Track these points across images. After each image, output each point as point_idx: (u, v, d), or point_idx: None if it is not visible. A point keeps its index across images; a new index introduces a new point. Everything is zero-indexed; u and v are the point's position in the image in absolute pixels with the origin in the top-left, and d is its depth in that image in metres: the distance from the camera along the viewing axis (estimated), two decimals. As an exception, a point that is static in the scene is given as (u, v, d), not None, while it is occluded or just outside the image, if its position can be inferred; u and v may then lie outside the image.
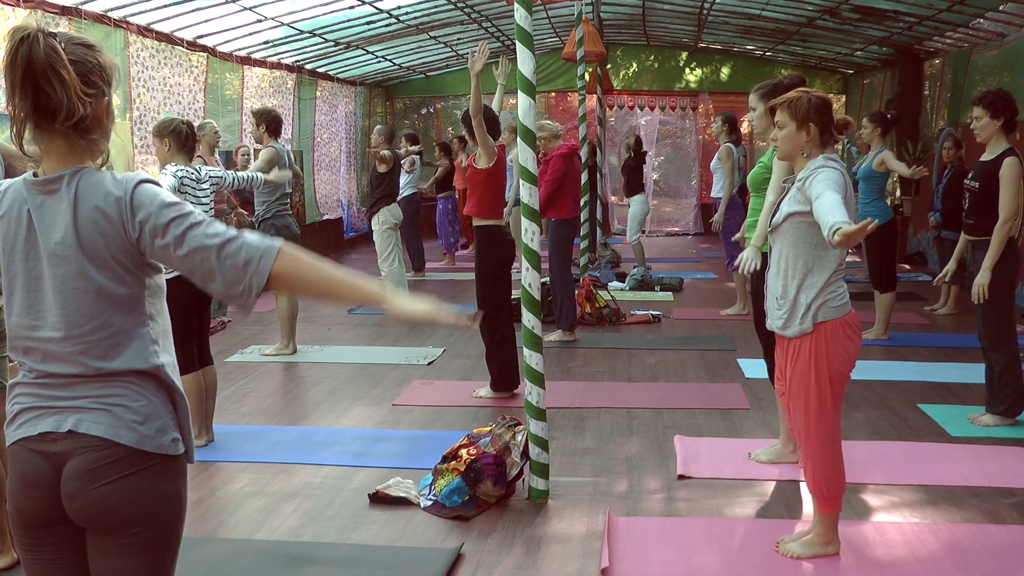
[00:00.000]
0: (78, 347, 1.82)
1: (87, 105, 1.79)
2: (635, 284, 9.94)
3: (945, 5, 9.34)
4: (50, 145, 1.83)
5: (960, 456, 4.49)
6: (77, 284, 1.81)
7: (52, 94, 1.75)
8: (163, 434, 1.87)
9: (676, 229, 16.59)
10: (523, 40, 3.86)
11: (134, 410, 1.83)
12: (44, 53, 1.74)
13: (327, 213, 13.95)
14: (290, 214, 6.97)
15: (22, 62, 1.75)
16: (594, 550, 3.49)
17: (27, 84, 1.76)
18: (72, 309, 1.82)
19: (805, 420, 3.28)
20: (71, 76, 1.75)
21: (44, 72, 1.75)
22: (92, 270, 1.81)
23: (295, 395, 5.87)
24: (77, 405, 1.83)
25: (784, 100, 3.31)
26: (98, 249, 1.81)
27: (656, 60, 16.17)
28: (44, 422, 1.83)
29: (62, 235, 1.80)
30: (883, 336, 7.11)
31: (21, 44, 1.75)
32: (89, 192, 1.81)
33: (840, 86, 15.91)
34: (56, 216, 1.81)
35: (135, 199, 1.80)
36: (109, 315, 1.83)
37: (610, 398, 5.63)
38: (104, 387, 1.83)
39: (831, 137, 3.29)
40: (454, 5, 11.30)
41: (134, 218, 1.80)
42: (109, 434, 1.81)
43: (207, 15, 9.33)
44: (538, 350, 3.98)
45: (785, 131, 3.29)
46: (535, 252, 3.95)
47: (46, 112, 1.78)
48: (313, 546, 3.56)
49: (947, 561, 3.35)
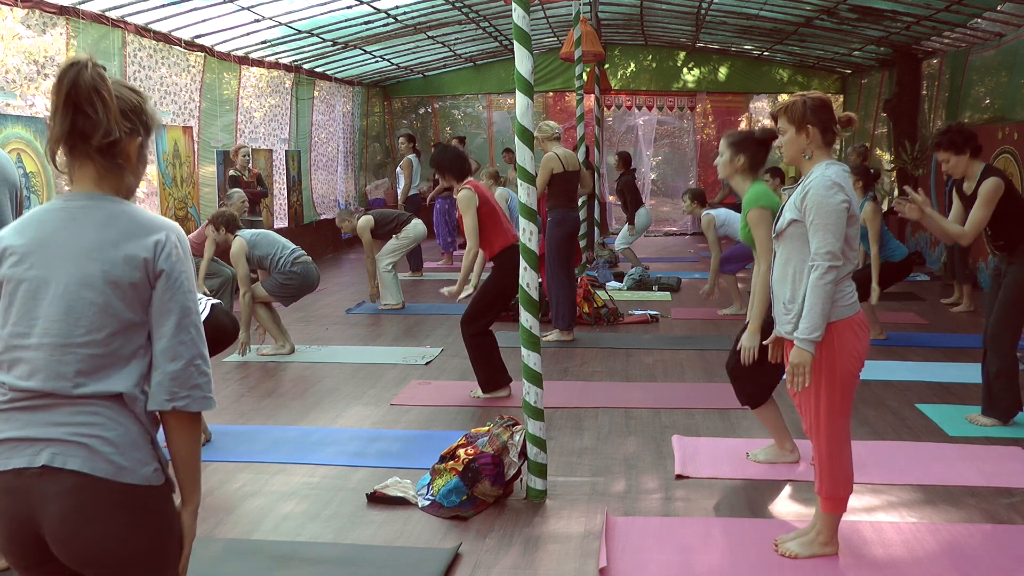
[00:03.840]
0: (70, 357, 1.80)
1: (123, 131, 1.84)
2: (633, 284, 9.95)
3: (943, 5, 9.35)
4: (81, 169, 1.87)
5: (958, 456, 4.50)
6: (88, 297, 1.82)
7: (92, 114, 1.81)
8: (143, 464, 1.83)
9: (674, 229, 16.61)
10: (521, 40, 3.86)
11: (110, 441, 1.79)
12: (91, 77, 1.80)
13: (324, 213, 13.94)
14: (310, 260, 6.99)
15: (68, 83, 1.80)
16: (592, 550, 3.49)
17: (69, 104, 1.81)
18: (74, 318, 1.81)
19: (815, 420, 3.28)
20: (112, 102, 1.82)
21: (88, 94, 1.80)
22: (107, 290, 1.82)
23: (293, 395, 5.87)
24: (51, 436, 1.78)
25: (782, 106, 3.33)
26: (117, 278, 1.83)
27: (654, 60, 16.17)
28: (17, 457, 1.78)
29: (85, 253, 1.83)
30: (880, 336, 7.11)
31: (70, 68, 1.81)
32: (117, 224, 1.86)
33: (838, 86, 15.92)
34: (82, 234, 1.84)
35: (160, 262, 1.86)
36: (110, 334, 1.83)
37: (608, 398, 5.63)
38: (80, 414, 1.79)
39: (833, 136, 3.30)
40: (452, 5, 11.30)
41: (154, 275, 1.86)
42: (87, 468, 1.77)
43: (205, 15, 9.33)
44: (536, 350, 3.98)
45: (787, 136, 3.30)
46: (533, 252, 3.95)
47: (83, 133, 1.82)
48: (311, 546, 3.56)
49: (945, 561, 3.35)
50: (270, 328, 6.92)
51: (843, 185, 3.16)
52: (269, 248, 6.84)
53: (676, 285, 10.01)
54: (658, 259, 12.62)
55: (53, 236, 1.84)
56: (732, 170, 4.25)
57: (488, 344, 5.61)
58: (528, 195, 3.94)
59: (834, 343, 3.19)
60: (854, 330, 3.22)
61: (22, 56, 7.40)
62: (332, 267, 12.40)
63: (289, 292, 6.90)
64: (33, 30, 7.48)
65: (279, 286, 6.82)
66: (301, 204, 13.00)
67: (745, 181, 4.22)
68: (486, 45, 14.67)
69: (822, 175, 3.18)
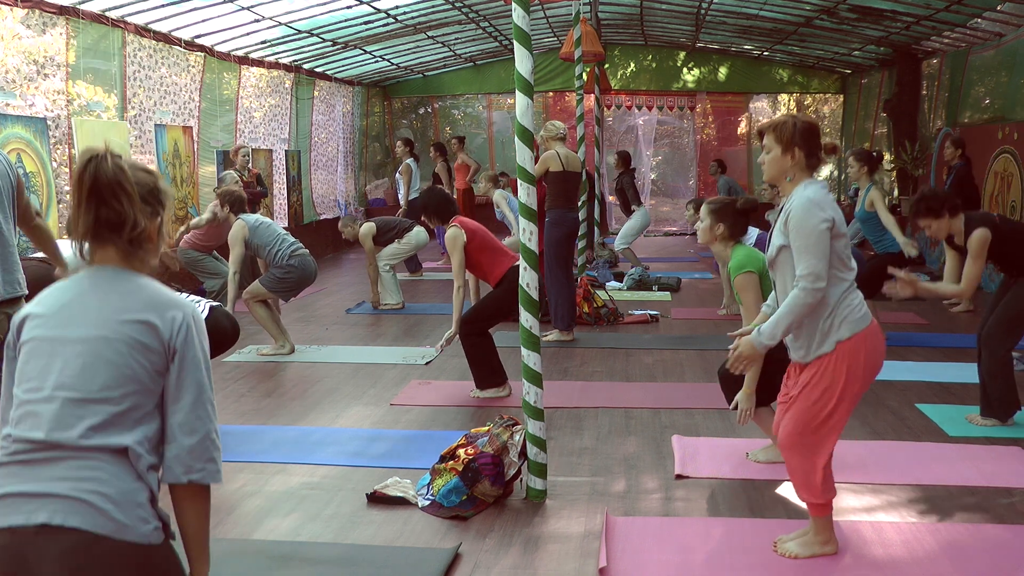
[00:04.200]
0: (82, 411, 1.82)
1: (146, 218, 1.91)
2: (633, 284, 9.94)
3: (943, 5, 9.35)
4: (103, 251, 1.93)
5: (958, 456, 4.50)
6: (107, 356, 1.86)
7: (118, 207, 1.87)
8: (144, 523, 1.83)
9: (674, 229, 16.61)
10: (521, 40, 3.86)
11: (111, 498, 1.79)
12: (112, 170, 1.86)
13: (324, 213, 13.94)
14: (307, 253, 6.96)
15: (89, 178, 1.85)
16: (592, 550, 3.49)
17: (92, 199, 1.86)
18: (91, 375, 1.84)
19: (801, 429, 3.24)
20: (135, 192, 1.88)
21: (111, 187, 1.86)
22: (126, 352, 1.87)
23: (293, 395, 5.87)
24: (52, 491, 1.77)
25: (771, 124, 3.30)
26: (136, 343, 1.88)
27: (654, 60, 16.17)
28: (15, 515, 1.76)
29: (106, 316, 1.88)
30: (880, 336, 7.10)
31: (89, 163, 1.86)
32: (140, 294, 1.91)
33: (838, 86, 15.92)
34: (105, 298, 1.89)
35: (177, 340, 1.91)
36: (124, 394, 1.86)
37: (608, 398, 5.63)
38: (83, 468, 1.79)
39: (817, 161, 3.29)
40: (452, 5, 11.30)
41: (171, 352, 1.91)
42: (87, 525, 1.76)
43: (205, 15, 9.32)
44: (536, 350, 3.98)
45: (771, 155, 3.28)
46: (533, 252, 3.95)
47: (108, 224, 1.88)
48: (311, 546, 3.56)
49: (945, 560, 3.35)
50: (269, 328, 6.92)
51: (823, 204, 3.14)
52: (268, 238, 6.83)
53: (676, 285, 10.00)
54: (658, 259, 12.62)
55: (75, 300, 1.90)
56: (712, 237, 4.36)
57: (484, 344, 5.62)
58: (528, 195, 3.94)
59: (847, 362, 3.15)
60: (867, 345, 3.18)
61: (22, 56, 7.40)
62: (332, 267, 12.40)
63: (287, 286, 6.87)
64: (33, 30, 7.48)
65: (277, 280, 6.81)
66: (301, 204, 13.00)
67: (726, 247, 4.34)
68: (486, 45, 14.67)
69: (801, 196, 3.17)
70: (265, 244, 6.81)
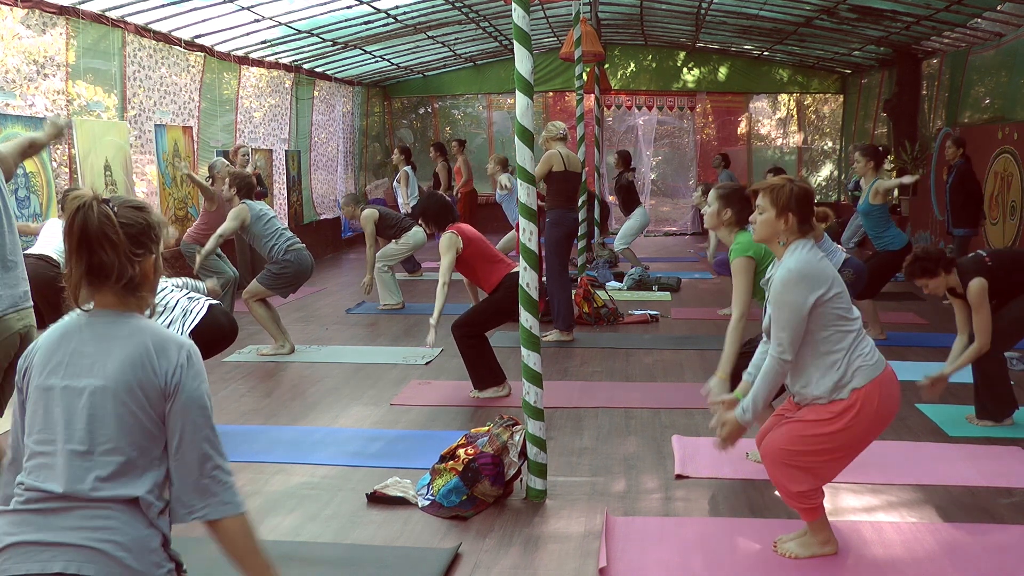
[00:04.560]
0: (90, 464, 1.86)
1: (136, 265, 1.93)
2: (633, 284, 9.94)
3: (943, 5, 9.35)
4: (101, 296, 1.97)
5: (958, 456, 4.50)
6: (111, 407, 1.89)
7: (104, 257, 1.90)
8: (157, 567, 1.88)
9: (674, 229, 16.61)
10: (521, 40, 3.86)
11: (124, 545, 1.84)
12: (98, 220, 1.89)
13: (324, 213, 13.95)
14: (303, 247, 6.95)
15: (78, 229, 1.89)
16: (592, 550, 3.49)
17: (83, 248, 1.90)
18: (97, 427, 1.88)
19: (787, 451, 3.23)
20: (121, 239, 1.90)
21: (98, 238, 1.89)
22: (129, 401, 1.90)
23: (292, 395, 5.87)
24: (66, 541, 1.81)
25: (767, 186, 3.29)
26: (138, 391, 1.91)
27: (654, 60, 16.17)
28: (30, 562, 1.80)
29: (109, 367, 1.91)
30: (880, 336, 7.10)
31: (77, 212, 1.89)
32: (140, 339, 1.94)
33: (838, 86, 15.93)
34: (107, 349, 1.92)
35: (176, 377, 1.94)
36: (130, 443, 1.89)
37: (608, 398, 5.63)
38: (96, 518, 1.83)
39: (810, 227, 3.29)
40: (452, 5, 11.30)
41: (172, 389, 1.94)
42: (103, 574, 1.81)
43: (205, 15, 9.32)
44: (536, 350, 3.98)
45: (764, 216, 3.28)
46: (533, 252, 3.95)
47: (99, 272, 1.91)
48: (311, 546, 3.56)
49: (945, 561, 3.35)
50: (269, 328, 6.91)
51: (808, 275, 3.13)
52: (268, 229, 6.81)
53: (676, 285, 10.00)
54: (658, 259, 12.61)
55: (78, 350, 1.93)
56: (719, 222, 4.36)
57: (480, 345, 5.62)
58: (528, 195, 3.94)
59: (860, 407, 3.14)
60: (882, 391, 3.17)
61: (22, 56, 7.40)
62: (332, 267, 12.40)
63: (284, 282, 6.85)
64: (33, 30, 7.48)
65: (274, 277, 6.79)
66: (301, 204, 13.00)
67: (731, 233, 4.35)
68: (486, 45, 14.67)
69: (786, 267, 3.18)
70: (262, 235, 6.80)
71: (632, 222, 10.84)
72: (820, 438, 3.18)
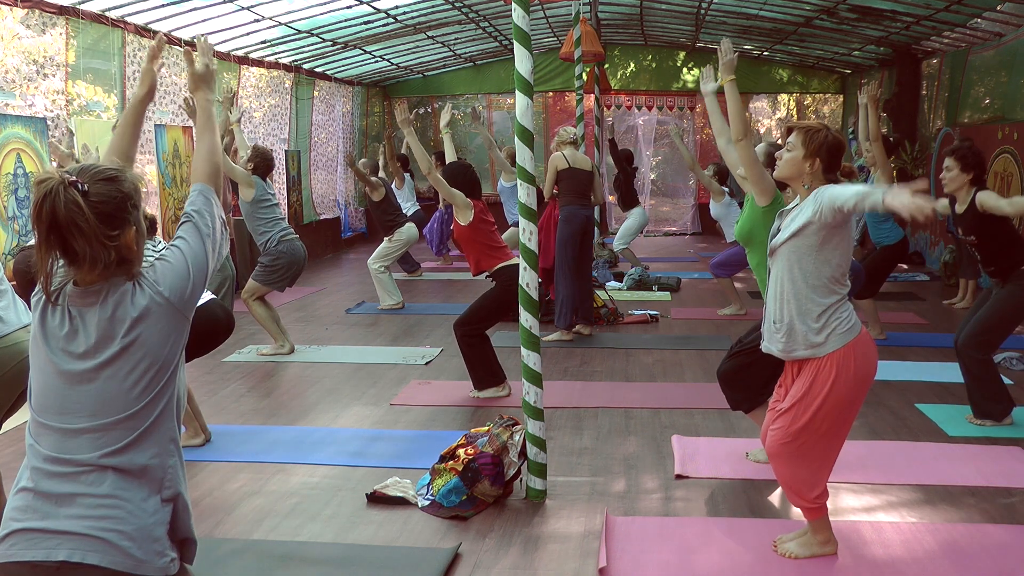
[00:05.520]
0: (102, 440, 1.87)
1: (110, 250, 1.88)
2: (633, 284, 9.94)
3: (943, 5, 9.35)
4: (84, 276, 1.92)
5: (958, 456, 4.50)
6: (121, 380, 1.89)
7: (76, 246, 1.85)
8: (161, 556, 1.88)
9: (674, 229, 16.60)
10: (521, 40, 3.86)
11: (129, 535, 1.84)
12: (65, 208, 1.82)
13: (324, 213, 13.94)
14: (296, 237, 6.96)
15: (47, 217, 1.83)
16: (592, 550, 3.49)
17: (52, 237, 1.85)
18: (107, 403, 1.88)
19: (782, 435, 3.24)
20: (92, 225, 1.83)
21: (67, 227, 1.83)
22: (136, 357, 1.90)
23: (292, 395, 5.87)
24: (71, 529, 1.82)
25: (804, 125, 3.30)
26: (143, 344, 1.91)
27: (654, 60, 16.17)
28: (35, 549, 1.81)
29: (103, 342, 1.89)
30: (880, 336, 7.11)
31: (44, 200, 1.82)
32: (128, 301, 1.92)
33: (837, 86, 15.92)
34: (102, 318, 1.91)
35: (162, 288, 1.95)
36: (142, 399, 1.90)
37: (608, 398, 5.63)
38: (101, 507, 1.84)
39: (834, 178, 3.30)
40: (452, 5, 11.29)
41: (166, 291, 1.96)
42: (106, 562, 1.81)
43: (204, 15, 9.32)
44: (536, 350, 3.98)
45: (792, 154, 3.27)
46: (532, 251, 3.95)
47: (72, 259, 1.88)
48: (311, 546, 3.56)
49: (945, 561, 3.35)
50: (269, 327, 6.91)
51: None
52: (267, 215, 6.82)
53: (676, 285, 10.00)
54: (658, 259, 12.61)
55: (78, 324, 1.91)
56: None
57: (481, 344, 5.63)
58: (528, 195, 3.94)
59: (836, 370, 3.15)
60: (856, 351, 3.18)
61: (22, 56, 7.40)
62: (332, 267, 12.40)
63: (278, 274, 6.83)
64: (33, 30, 7.48)
65: (267, 271, 6.79)
66: (301, 204, 13.00)
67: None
68: (486, 45, 14.67)
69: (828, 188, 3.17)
70: (261, 221, 6.81)
71: (631, 222, 10.83)
72: (809, 411, 3.18)
